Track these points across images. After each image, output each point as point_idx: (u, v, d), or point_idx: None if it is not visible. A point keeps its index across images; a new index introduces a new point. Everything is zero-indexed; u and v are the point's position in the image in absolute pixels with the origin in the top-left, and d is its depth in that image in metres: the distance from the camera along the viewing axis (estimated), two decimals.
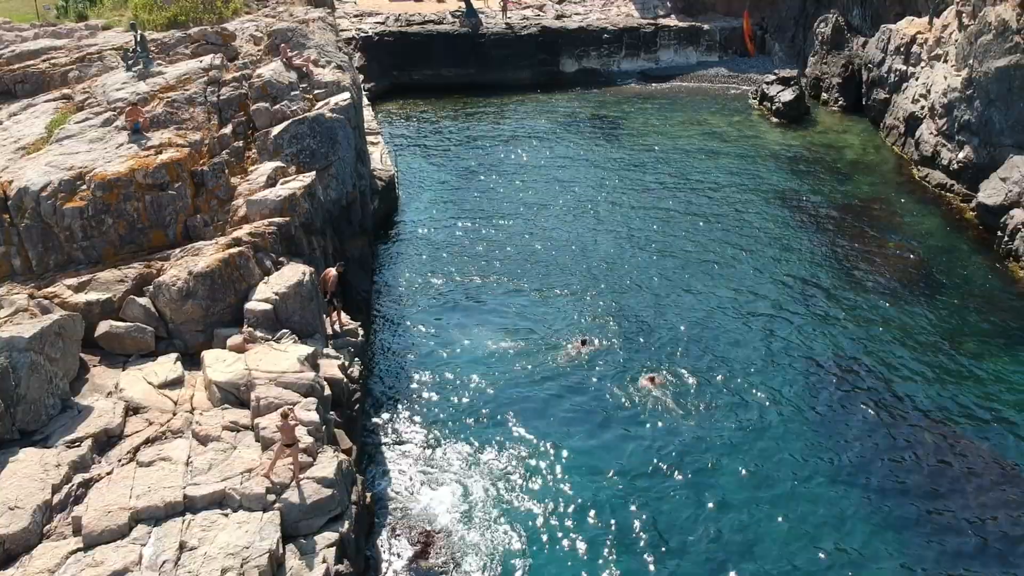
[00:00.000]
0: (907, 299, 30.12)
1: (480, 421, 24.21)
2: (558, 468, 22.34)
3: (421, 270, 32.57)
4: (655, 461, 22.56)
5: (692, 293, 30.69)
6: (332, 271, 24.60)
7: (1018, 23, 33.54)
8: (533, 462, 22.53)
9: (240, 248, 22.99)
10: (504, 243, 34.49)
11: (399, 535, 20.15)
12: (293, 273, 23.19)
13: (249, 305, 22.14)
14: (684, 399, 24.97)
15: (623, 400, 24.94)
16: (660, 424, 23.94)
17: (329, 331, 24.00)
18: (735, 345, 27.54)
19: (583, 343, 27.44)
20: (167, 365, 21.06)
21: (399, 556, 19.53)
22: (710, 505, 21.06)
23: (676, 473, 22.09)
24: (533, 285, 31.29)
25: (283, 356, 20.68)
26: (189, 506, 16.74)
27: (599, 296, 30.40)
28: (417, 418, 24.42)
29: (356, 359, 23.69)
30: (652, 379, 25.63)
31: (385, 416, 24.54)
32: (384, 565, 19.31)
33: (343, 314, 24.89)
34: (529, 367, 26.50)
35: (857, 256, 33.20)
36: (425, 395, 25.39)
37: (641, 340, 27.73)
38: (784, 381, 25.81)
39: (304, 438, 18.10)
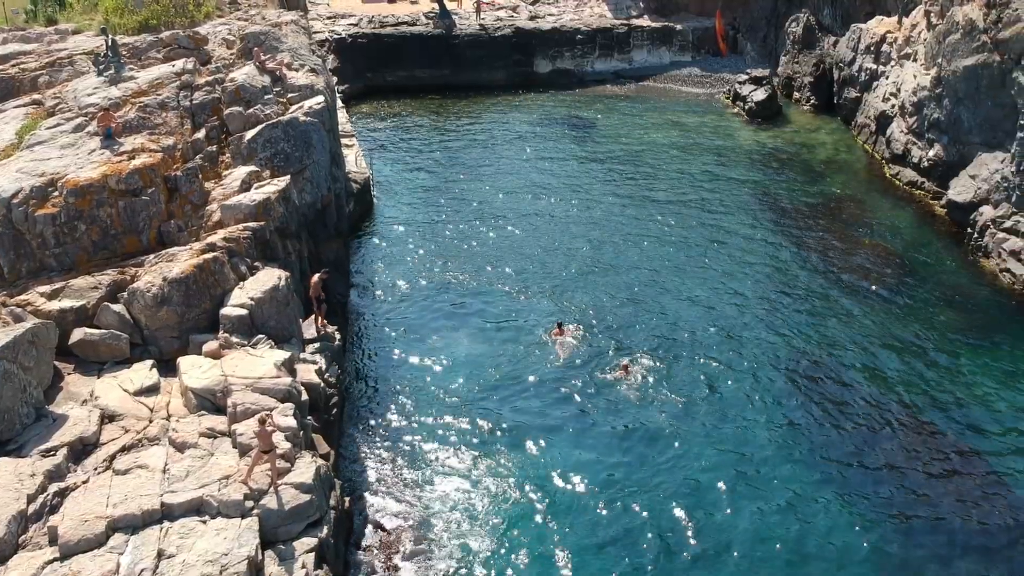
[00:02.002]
0: (879, 295, 30.46)
1: (459, 422, 24.24)
2: (537, 467, 22.41)
3: (397, 272, 32.56)
4: (632, 455, 22.78)
5: (666, 289, 30.90)
6: (315, 276, 24.66)
7: (985, 22, 33.98)
8: (512, 462, 22.59)
9: (215, 253, 22.89)
10: (479, 243, 34.54)
11: (378, 539, 20.15)
12: (268, 278, 23.13)
13: (224, 310, 22.07)
14: (657, 388, 25.37)
15: (599, 393, 25.24)
16: (636, 415, 24.27)
17: (313, 333, 23.94)
18: (708, 339, 27.78)
19: (559, 327, 27.94)
20: (142, 372, 20.92)
21: (379, 560, 19.51)
22: (685, 501, 21.21)
23: (655, 469, 22.26)
24: (509, 283, 31.38)
25: (259, 362, 20.63)
26: (167, 514, 16.65)
27: (574, 293, 30.53)
28: (395, 421, 24.42)
29: (333, 363, 23.65)
30: (626, 367, 26.08)
31: (363, 420, 24.51)
32: (364, 569, 19.29)
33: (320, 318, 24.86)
34: (506, 365, 26.62)
35: (829, 253, 33.53)
36: (403, 398, 25.39)
37: (617, 335, 27.88)
38: (755, 375, 26.07)
39: (282, 444, 18.07)
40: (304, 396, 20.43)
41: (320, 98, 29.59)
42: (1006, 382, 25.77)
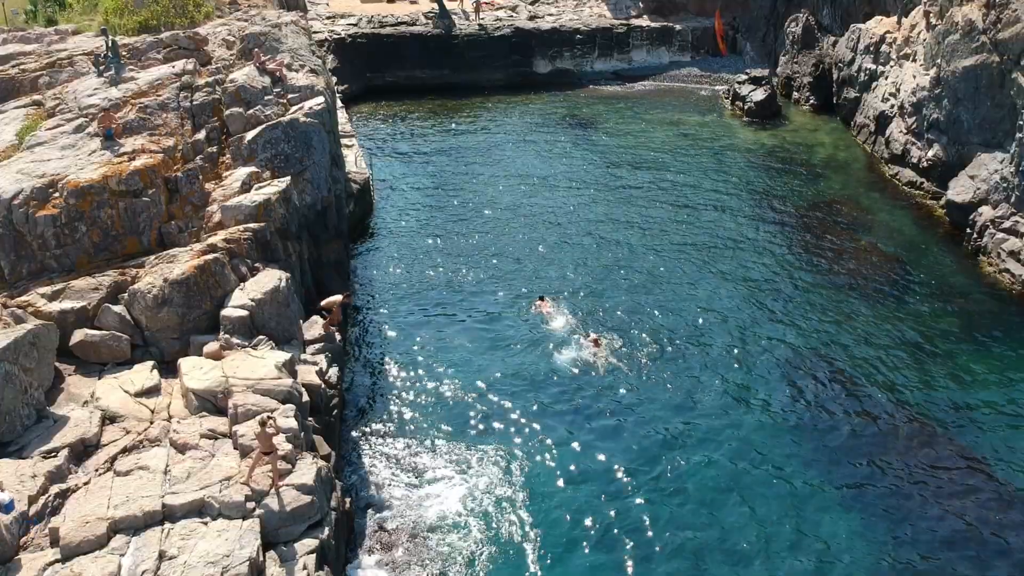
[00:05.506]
0: (877, 296, 30.50)
1: (457, 422, 24.29)
2: (537, 465, 22.46)
3: (397, 272, 32.60)
4: (630, 450, 22.98)
5: (663, 286, 31.00)
6: (339, 298, 25.50)
7: (984, 23, 34.02)
8: (512, 460, 22.62)
9: (215, 254, 22.91)
10: (479, 243, 34.58)
11: (379, 540, 20.18)
12: (269, 279, 23.16)
13: (225, 312, 22.09)
14: (644, 376, 26.07)
15: (593, 386, 25.71)
16: (627, 406, 24.72)
17: (314, 335, 24.01)
18: (702, 334, 27.96)
19: (542, 300, 29.47)
20: (143, 373, 20.96)
21: (379, 561, 19.55)
22: (679, 497, 21.34)
23: (656, 472, 22.32)
24: (508, 283, 31.45)
25: (260, 363, 20.66)
26: (168, 515, 16.69)
27: (573, 293, 30.57)
28: (396, 422, 24.46)
29: (334, 364, 23.67)
30: (596, 340, 27.19)
31: (364, 421, 24.55)
32: (364, 571, 19.33)
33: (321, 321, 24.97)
34: (504, 364, 26.73)
35: (828, 253, 33.56)
36: (403, 398, 25.43)
37: (615, 334, 27.94)
38: (749, 369, 26.20)
39: (283, 445, 18.10)
40: (305, 397, 20.47)
41: (320, 99, 29.59)
42: (1005, 382, 25.78)
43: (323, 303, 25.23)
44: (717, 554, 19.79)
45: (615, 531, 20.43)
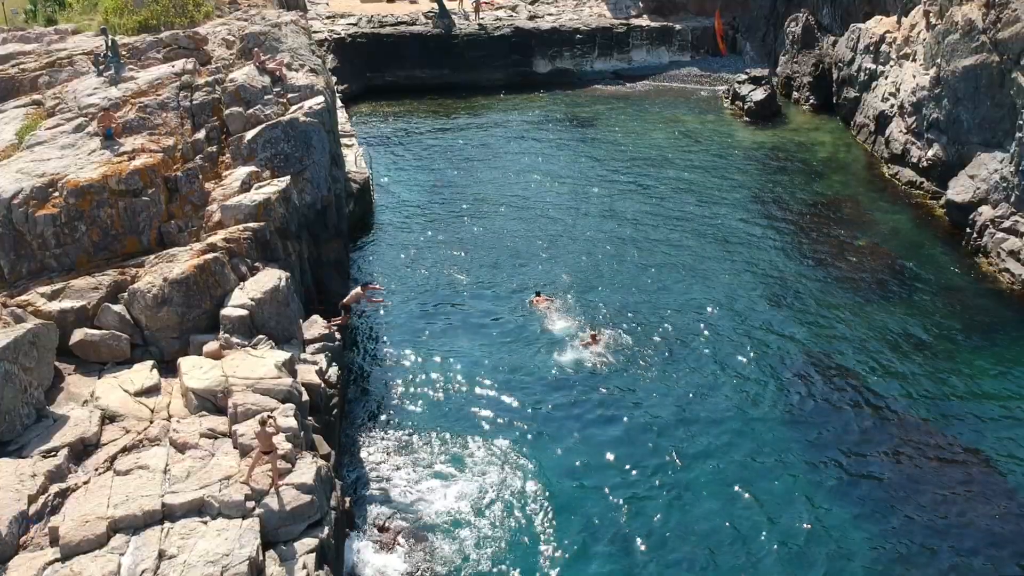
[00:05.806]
0: (877, 295, 30.51)
1: (458, 421, 24.32)
2: (537, 464, 22.47)
3: (397, 272, 32.62)
4: (637, 454, 22.92)
5: (663, 288, 31.02)
6: (359, 291, 26.58)
7: (984, 23, 34.03)
8: (511, 459, 22.65)
9: (215, 254, 22.88)
10: (478, 242, 34.61)
11: (379, 540, 20.19)
12: (269, 278, 23.15)
13: (225, 311, 22.07)
14: (638, 370, 26.01)
15: (591, 382, 25.85)
16: (628, 406, 24.76)
17: (315, 334, 24.02)
18: (701, 333, 27.98)
19: (538, 296, 29.69)
20: (143, 373, 20.93)
21: (379, 561, 19.55)
22: (678, 499, 21.37)
23: (659, 468, 22.35)
24: (507, 282, 31.51)
25: (260, 362, 20.64)
26: (168, 514, 16.65)
27: (572, 290, 30.63)
28: (396, 421, 24.48)
29: (333, 363, 23.66)
30: (594, 336, 27.35)
31: (364, 420, 24.57)
32: (364, 570, 19.33)
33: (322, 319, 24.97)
34: (504, 363, 26.77)
35: (828, 253, 33.58)
36: (403, 397, 25.46)
37: (613, 330, 28.00)
38: (749, 368, 26.24)
39: (282, 444, 18.09)
40: (305, 397, 20.44)
41: (320, 98, 29.58)
42: (1004, 380, 25.82)
43: (345, 300, 25.62)
44: (725, 551, 19.81)
45: (619, 529, 20.45)
